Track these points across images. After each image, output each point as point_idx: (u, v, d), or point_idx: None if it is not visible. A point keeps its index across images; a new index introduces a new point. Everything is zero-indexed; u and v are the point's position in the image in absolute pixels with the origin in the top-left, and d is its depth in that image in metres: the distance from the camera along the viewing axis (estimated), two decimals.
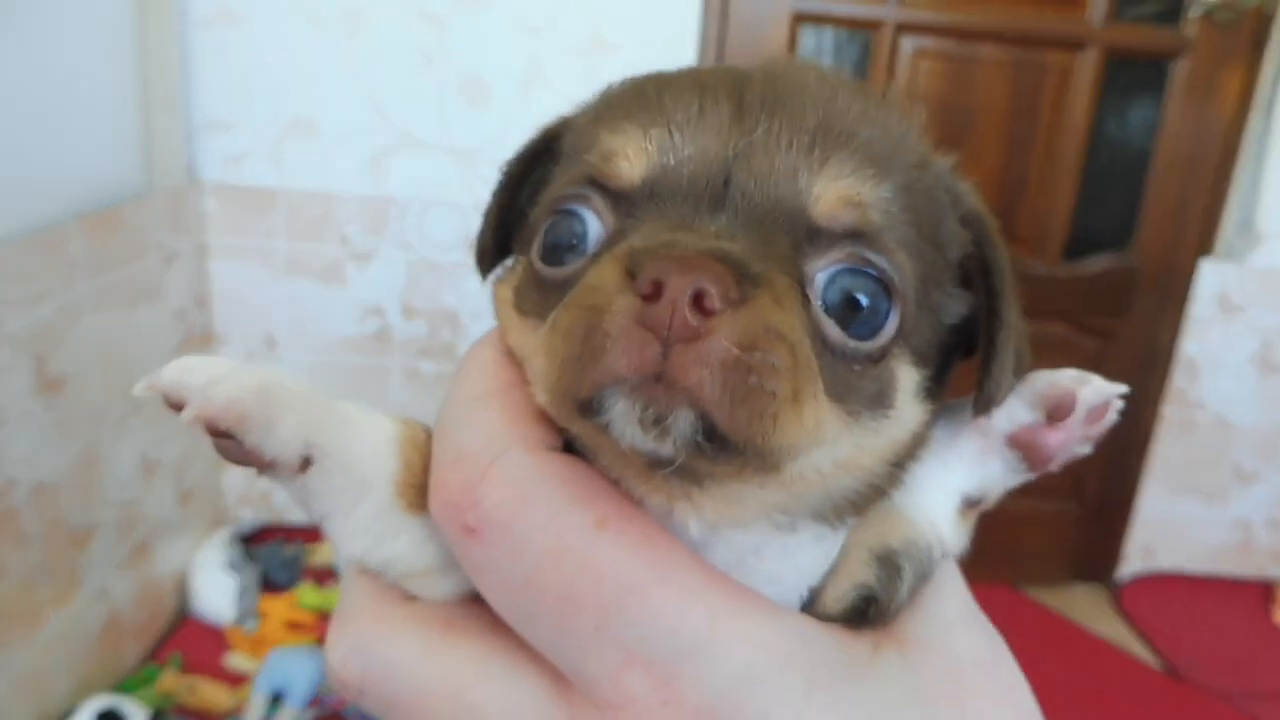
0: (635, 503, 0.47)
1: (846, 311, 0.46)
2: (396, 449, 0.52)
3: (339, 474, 0.50)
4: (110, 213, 2.62)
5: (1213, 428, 3.63)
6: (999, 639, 0.52)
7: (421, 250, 3.29)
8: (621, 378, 0.41)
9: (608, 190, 0.49)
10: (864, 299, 0.47)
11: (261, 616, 3.03)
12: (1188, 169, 3.38)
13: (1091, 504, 3.77)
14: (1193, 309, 3.49)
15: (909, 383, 0.50)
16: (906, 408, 0.50)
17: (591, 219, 0.49)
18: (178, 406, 0.46)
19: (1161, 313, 3.52)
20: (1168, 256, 3.47)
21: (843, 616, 0.50)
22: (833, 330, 0.46)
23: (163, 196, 2.95)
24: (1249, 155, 3.35)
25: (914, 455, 0.53)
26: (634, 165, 0.48)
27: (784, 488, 0.48)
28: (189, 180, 3.09)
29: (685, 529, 0.48)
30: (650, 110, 0.49)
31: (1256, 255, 3.43)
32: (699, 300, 0.40)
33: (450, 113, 3.16)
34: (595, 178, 0.49)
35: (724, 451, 0.42)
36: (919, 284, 0.49)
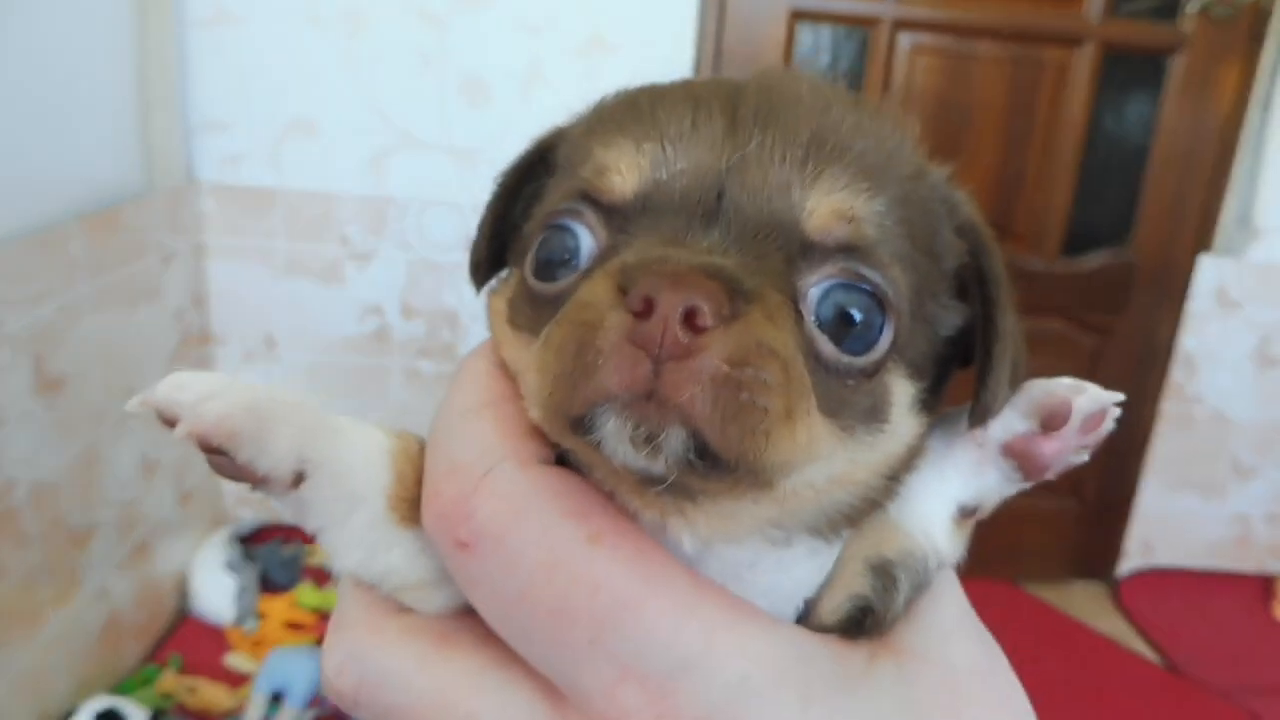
0: (629, 517, 0.47)
1: (840, 327, 0.46)
2: (389, 461, 0.52)
3: (331, 487, 0.50)
4: (109, 213, 2.61)
5: (1211, 423, 3.62)
6: (996, 648, 0.52)
7: (421, 250, 3.28)
8: (613, 395, 0.41)
9: (600, 205, 0.48)
10: (857, 314, 0.46)
11: (261, 616, 3.03)
12: (1185, 165, 3.38)
13: (1091, 501, 3.76)
14: (1191, 304, 3.48)
15: (904, 396, 0.50)
16: (901, 421, 0.50)
17: (584, 234, 0.49)
18: (171, 423, 0.46)
19: (1159, 308, 3.52)
20: (1165, 252, 3.47)
21: (838, 628, 0.50)
22: (826, 346, 0.46)
23: (162, 197, 2.94)
24: (1246, 150, 3.35)
25: (909, 467, 0.53)
26: (626, 180, 0.48)
27: (778, 503, 0.47)
28: (187, 180, 3.09)
29: (679, 544, 0.47)
30: (643, 124, 0.49)
31: (1254, 250, 3.43)
32: (691, 317, 0.40)
33: (450, 112, 3.15)
34: (588, 192, 0.49)
35: (716, 469, 0.42)
36: (913, 297, 0.49)
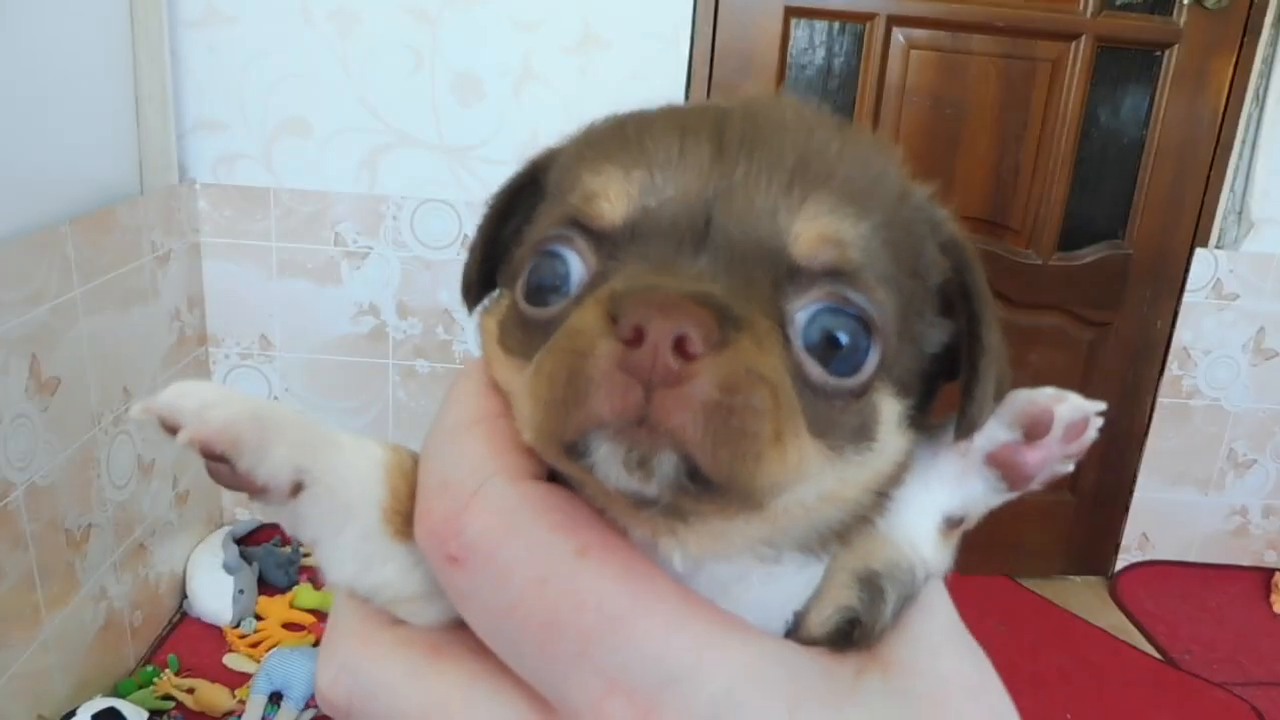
0: (619, 532, 0.48)
1: (827, 350, 0.47)
2: (384, 475, 0.52)
3: (327, 499, 0.50)
4: (103, 214, 2.61)
5: (1208, 415, 3.63)
6: (985, 661, 0.52)
7: (415, 248, 3.28)
8: (605, 422, 0.41)
9: (590, 231, 0.49)
10: (844, 337, 0.47)
11: (259, 617, 3.04)
12: (1180, 158, 3.38)
13: (1088, 495, 3.77)
14: (1187, 297, 3.49)
15: (891, 414, 0.50)
16: (889, 439, 0.50)
17: (574, 260, 0.49)
18: (173, 430, 0.47)
19: (1156, 301, 3.53)
20: (1161, 245, 3.47)
21: (827, 640, 0.51)
22: (814, 369, 0.46)
23: (155, 197, 2.94)
24: (1241, 143, 3.36)
25: (898, 482, 0.53)
26: (615, 207, 0.48)
27: (768, 522, 0.48)
28: (181, 181, 3.09)
29: (669, 562, 0.48)
30: (631, 151, 0.49)
31: (1250, 242, 3.44)
32: (681, 344, 0.40)
33: (443, 110, 3.15)
34: (577, 219, 0.49)
35: (708, 491, 0.42)
36: (900, 317, 0.49)
